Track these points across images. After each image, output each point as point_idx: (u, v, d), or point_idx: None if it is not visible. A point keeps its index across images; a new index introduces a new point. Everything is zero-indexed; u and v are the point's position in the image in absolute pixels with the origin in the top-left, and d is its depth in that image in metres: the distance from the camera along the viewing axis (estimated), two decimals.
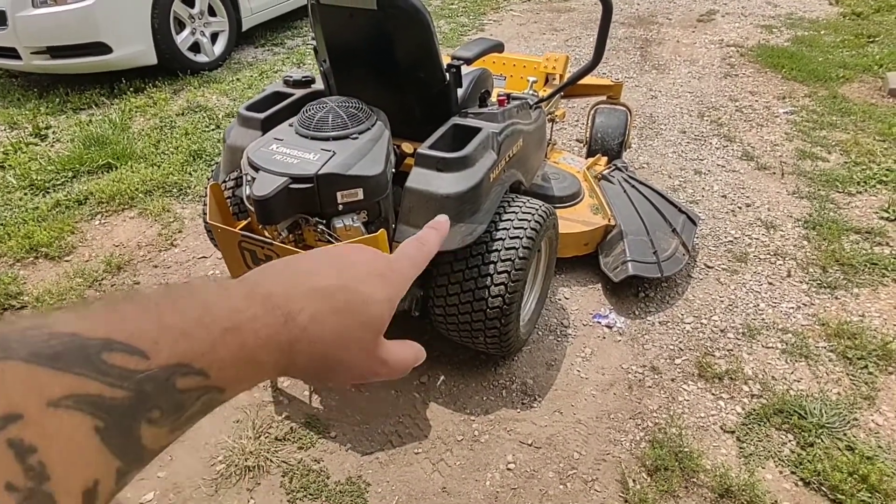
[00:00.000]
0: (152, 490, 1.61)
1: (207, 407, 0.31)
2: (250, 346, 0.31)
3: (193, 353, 0.28)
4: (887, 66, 4.11)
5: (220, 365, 0.30)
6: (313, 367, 0.36)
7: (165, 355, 0.27)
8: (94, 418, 0.24)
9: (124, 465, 0.25)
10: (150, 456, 0.28)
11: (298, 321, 0.34)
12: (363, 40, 1.65)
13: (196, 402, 0.29)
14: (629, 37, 5.10)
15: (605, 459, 1.67)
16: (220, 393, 0.31)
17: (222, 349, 0.30)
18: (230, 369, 0.30)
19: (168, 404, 0.27)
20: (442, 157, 1.54)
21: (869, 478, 1.54)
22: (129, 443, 0.26)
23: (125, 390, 0.25)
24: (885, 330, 2.05)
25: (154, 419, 0.27)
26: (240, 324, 0.31)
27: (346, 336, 0.36)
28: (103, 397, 0.24)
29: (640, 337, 2.07)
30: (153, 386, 0.26)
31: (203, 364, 0.29)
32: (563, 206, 2.34)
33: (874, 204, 2.74)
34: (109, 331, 0.26)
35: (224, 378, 0.30)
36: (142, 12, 3.91)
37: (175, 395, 0.27)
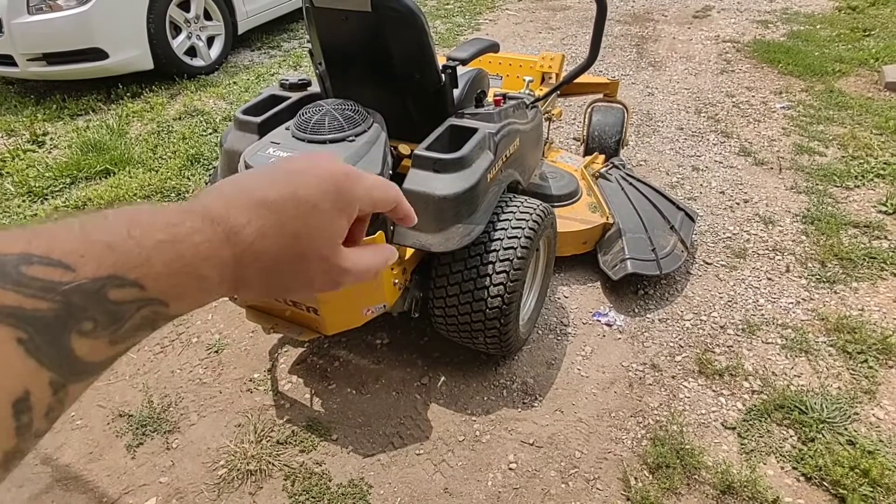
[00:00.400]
0: (154, 495, 1.61)
1: (152, 321, 0.30)
2: (189, 259, 0.30)
3: (125, 264, 0.28)
4: (883, 60, 4.12)
5: (155, 277, 0.29)
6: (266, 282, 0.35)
7: (93, 267, 0.26)
8: (14, 329, 0.23)
9: (58, 376, 0.25)
10: (91, 369, 0.27)
11: (243, 236, 0.33)
12: (358, 42, 1.65)
13: (136, 314, 0.28)
14: (625, 34, 5.10)
15: (606, 458, 1.67)
16: (162, 306, 0.30)
17: (157, 261, 0.29)
18: (168, 281, 0.29)
19: (102, 316, 0.27)
20: (439, 158, 1.54)
21: (870, 472, 1.54)
22: (60, 354, 0.25)
23: (49, 301, 0.25)
24: (885, 324, 2.05)
25: (86, 331, 0.26)
26: (176, 236, 0.30)
27: (296, 248, 0.35)
28: (23, 308, 0.24)
29: (639, 335, 2.07)
30: (82, 297, 0.26)
31: (136, 275, 0.28)
32: (562, 205, 2.34)
33: (872, 198, 2.74)
34: (28, 246, 0.25)
35: (162, 290, 0.29)
36: (137, 17, 3.91)
37: (108, 307, 0.27)
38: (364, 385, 1.91)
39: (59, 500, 1.60)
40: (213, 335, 2.13)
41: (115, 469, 1.68)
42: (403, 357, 2.00)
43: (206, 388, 1.92)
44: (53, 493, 1.62)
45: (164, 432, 1.78)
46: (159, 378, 1.97)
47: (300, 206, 0.35)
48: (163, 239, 0.30)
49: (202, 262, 0.31)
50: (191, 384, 1.94)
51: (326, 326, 1.58)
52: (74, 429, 1.80)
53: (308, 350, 2.04)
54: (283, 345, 2.07)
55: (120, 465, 1.69)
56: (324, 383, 1.92)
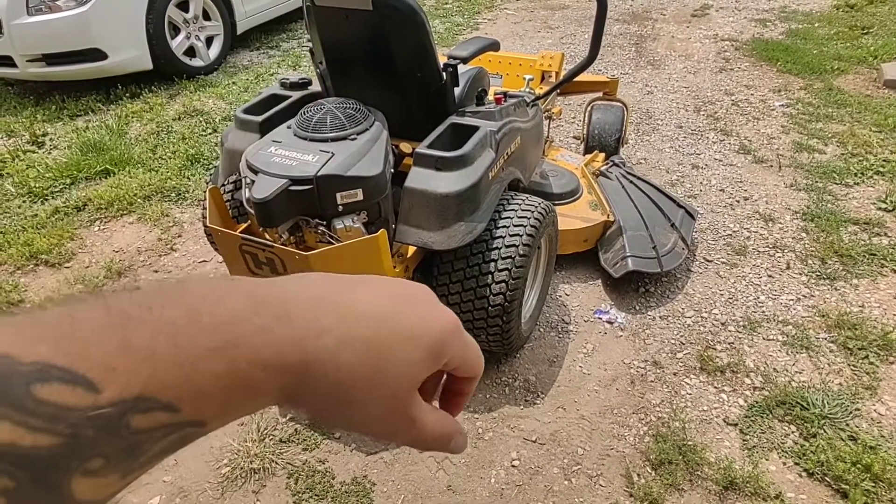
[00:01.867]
0: (158, 494, 1.61)
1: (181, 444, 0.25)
2: (244, 368, 0.25)
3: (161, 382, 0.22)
4: (882, 58, 4.13)
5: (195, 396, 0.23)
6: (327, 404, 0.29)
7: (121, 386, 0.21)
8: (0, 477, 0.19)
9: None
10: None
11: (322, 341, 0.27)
12: (359, 41, 1.65)
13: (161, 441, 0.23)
14: (624, 33, 5.10)
15: (609, 454, 1.67)
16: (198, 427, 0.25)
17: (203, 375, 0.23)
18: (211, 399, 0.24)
19: (116, 450, 0.21)
20: (440, 156, 1.54)
21: (872, 467, 1.54)
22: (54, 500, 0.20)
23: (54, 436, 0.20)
24: (885, 320, 2.06)
25: (94, 470, 0.21)
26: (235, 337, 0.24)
27: (373, 376, 0.29)
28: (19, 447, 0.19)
29: (641, 332, 2.07)
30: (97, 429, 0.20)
31: (172, 396, 0.22)
32: (562, 203, 2.34)
33: (872, 195, 2.74)
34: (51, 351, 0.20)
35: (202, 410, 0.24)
36: (136, 18, 3.91)
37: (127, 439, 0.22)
38: None
39: None
40: None
41: None
42: None
43: None
44: None
45: None
46: None
47: (396, 332, 0.29)
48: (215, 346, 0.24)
49: (260, 372, 0.25)
50: None
51: None
52: None
53: None
54: None
55: None
56: None
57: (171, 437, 0.24)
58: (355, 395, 0.29)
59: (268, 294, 0.27)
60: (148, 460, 0.24)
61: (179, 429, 0.24)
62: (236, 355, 0.24)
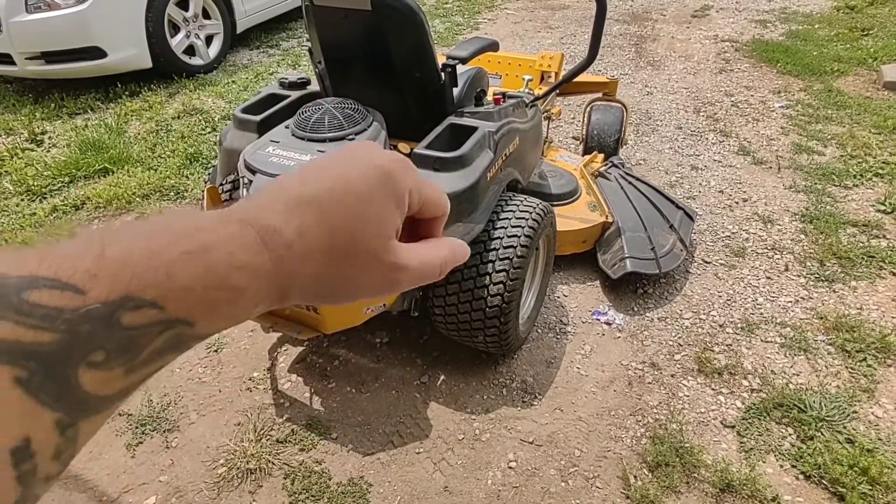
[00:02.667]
0: (154, 494, 1.61)
1: (176, 344, 0.27)
2: (220, 270, 0.27)
3: (141, 282, 0.24)
4: (881, 60, 4.12)
5: (178, 294, 0.25)
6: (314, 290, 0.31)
7: (105, 289, 0.24)
8: (11, 367, 0.21)
9: (65, 415, 0.23)
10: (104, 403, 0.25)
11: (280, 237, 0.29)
12: (358, 41, 1.65)
13: (156, 338, 0.25)
14: (624, 33, 5.10)
15: (606, 456, 1.67)
16: (187, 327, 0.27)
17: (181, 276, 0.26)
18: (194, 298, 0.26)
19: (115, 344, 0.24)
20: (439, 156, 1.54)
21: (869, 470, 1.54)
22: (66, 391, 0.23)
23: (53, 332, 0.22)
24: (884, 322, 2.06)
25: (97, 362, 0.23)
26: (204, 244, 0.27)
27: (343, 246, 0.31)
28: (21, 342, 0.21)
29: (639, 333, 2.07)
30: (91, 325, 0.23)
31: (154, 294, 0.25)
32: (561, 204, 2.34)
33: (871, 197, 2.74)
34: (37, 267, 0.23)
35: (187, 309, 0.26)
36: (136, 16, 3.91)
37: (122, 333, 0.24)
38: (364, 384, 1.91)
39: (59, 499, 1.60)
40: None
41: (115, 468, 1.68)
42: (403, 356, 2.00)
43: (206, 387, 1.92)
44: (53, 493, 1.61)
45: (163, 431, 1.78)
46: (158, 377, 1.95)
47: (343, 197, 0.31)
48: (189, 249, 0.26)
49: (235, 272, 0.27)
50: (190, 383, 1.94)
51: (326, 325, 1.58)
52: None
53: (307, 349, 2.04)
54: (282, 343, 2.07)
55: (119, 463, 1.69)
56: (323, 382, 1.92)
57: (164, 334, 0.26)
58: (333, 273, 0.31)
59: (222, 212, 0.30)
60: (149, 357, 0.26)
61: (170, 326, 0.26)
62: (210, 259, 0.27)
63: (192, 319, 0.27)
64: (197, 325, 0.27)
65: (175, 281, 0.25)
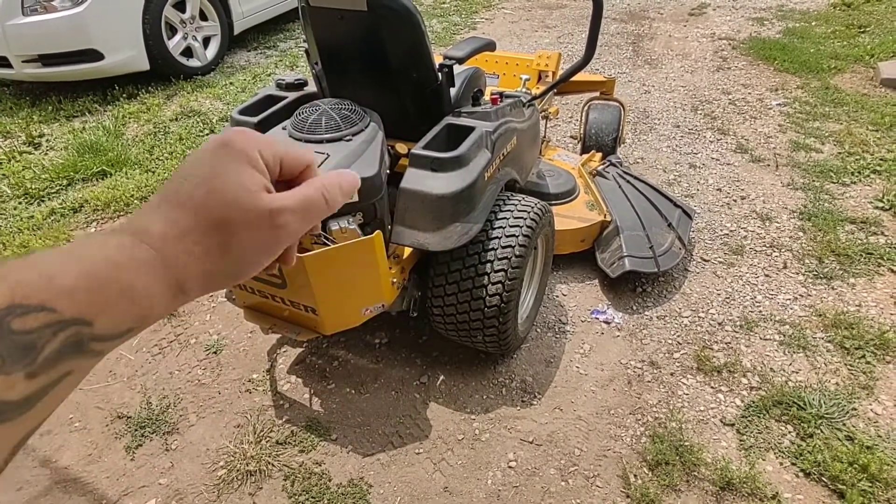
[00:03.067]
0: (154, 497, 1.61)
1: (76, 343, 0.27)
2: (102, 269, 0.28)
3: (24, 290, 0.26)
4: (878, 56, 4.13)
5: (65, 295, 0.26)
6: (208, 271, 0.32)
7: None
8: None
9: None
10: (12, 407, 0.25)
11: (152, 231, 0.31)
12: (354, 42, 1.64)
13: (52, 340, 0.26)
14: (621, 32, 5.10)
15: (606, 455, 1.67)
16: (84, 326, 0.27)
17: (64, 278, 0.27)
18: (83, 297, 0.27)
19: (9, 349, 0.25)
20: (436, 156, 1.54)
21: (869, 467, 1.54)
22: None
23: None
24: (882, 319, 2.06)
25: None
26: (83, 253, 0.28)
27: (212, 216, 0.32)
28: None
29: (638, 332, 2.07)
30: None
31: (41, 299, 0.26)
32: (559, 203, 2.34)
33: (868, 194, 2.75)
34: None
35: (80, 309, 0.27)
36: (133, 18, 3.90)
37: (14, 338, 0.25)
38: (363, 384, 1.91)
39: (58, 502, 1.60)
40: (212, 336, 2.12)
41: (115, 471, 1.68)
42: (402, 356, 2.00)
43: (205, 389, 1.92)
44: (52, 496, 1.61)
45: (162, 433, 1.78)
46: (158, 379, 1.96)
47: (191, 177, 0.33)
48: (67, 259, 0.28)
49: (117, 270, 0.29)
50: (189, 385, 1.94)
51: (325, 326, 1.58)
52: (73, 431, 1.80)
53: (307, 350, 2.04)
54: (281, 345, 2.07)
55: (119, 466, 1.69)
56: (323, 383, 1.92)
57: (60, 335, 0.26)
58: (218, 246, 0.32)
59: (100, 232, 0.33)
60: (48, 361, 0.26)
61: (65, 327, 0.26)
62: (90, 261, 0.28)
63: (89, 318, 0.27)
64: (96, 324, 0.28)
65: (59, 283, 0.27)
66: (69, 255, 0.28)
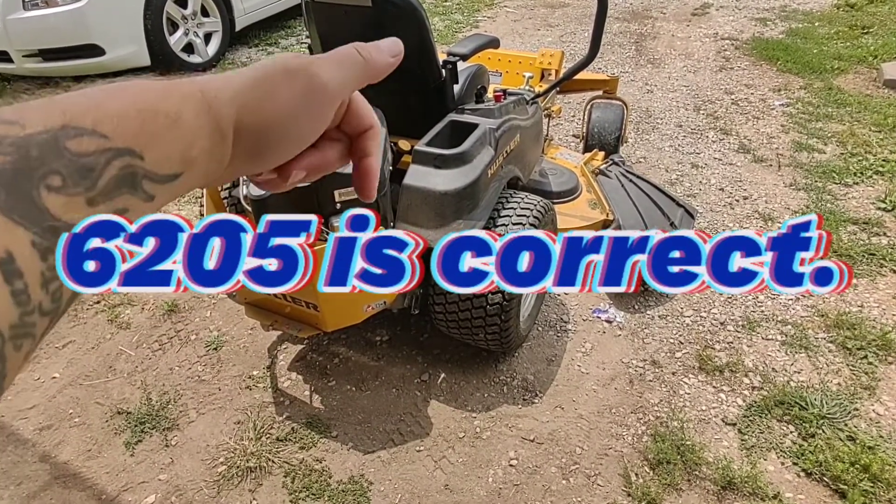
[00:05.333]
0: (154, 493, 1.60)
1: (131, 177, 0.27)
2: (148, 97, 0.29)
3: (74, 112, 0.26)
4: (882, 57, 4.12)
5: (113, 120, 0.27)
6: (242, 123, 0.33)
7: (41, 120, 0.25)
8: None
9: (40, 238, 0.24)
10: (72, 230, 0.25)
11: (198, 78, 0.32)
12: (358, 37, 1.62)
13: (107, 167, 0.26)
14: (624, 31, 5.09)
15: (607, 454, 1.67)
16: (136, 158, 0.27)
17: (111, 105, 0.27)
18: (131, 125, 0.27)
19: (68, 169, 0.25)
20: (439, 153, 1.53)
21: (871, 467, 1.54)
22: (33, 211, 0.23)
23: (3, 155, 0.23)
24: (884, 320, 2.05)
25: (56, 186, 0.24)
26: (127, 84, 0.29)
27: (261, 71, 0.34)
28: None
29: (640, 331, 2.07)
30: (39, 150, 0.24)
31: (91, 121, 0.26)
32: (561, 202, 2.33)
33: (871, 194, 2.74)
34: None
35: (130, 137, 0.27)
36: (134, 13, 3.89)
37: (72, 159, 0.25)
38: (364, 382, 1.90)
39: (58, 497, 1.59)
40: (212, 332, 2.12)
41: (114, 466, 1.67)
42: (403, 354, 1.99)
43: (205, 385, 1.92)
44: (52, 491, 1.61)
45: (162, 429, 1.77)
46: (158, 375, 1.96)
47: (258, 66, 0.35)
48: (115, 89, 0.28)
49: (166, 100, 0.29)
50: (190, 381, 1.93)
51: (326, 323, 1.58)
52: (73, 426, 1.79)
53: (307, 347, 2.04)
54: (282, 342, 2.06)
55: (119, 462, 1.69)
56: (323, 380, 1.92)
57: (115, 163, 0.26)
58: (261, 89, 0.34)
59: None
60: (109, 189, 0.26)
61: (120, 155, 0.27)
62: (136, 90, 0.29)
63: (139, 149, 0.27)
64: (146, 157, 0.28)
65: (106, 108, 0.27)
66: (117, 88, 0.29)
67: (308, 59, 0.36)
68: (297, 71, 0.35)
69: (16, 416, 1.82)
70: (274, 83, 0.34)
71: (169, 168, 0.29)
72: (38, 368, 1.99)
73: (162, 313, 2.20)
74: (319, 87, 0.36)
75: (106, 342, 2.10)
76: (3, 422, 1.81)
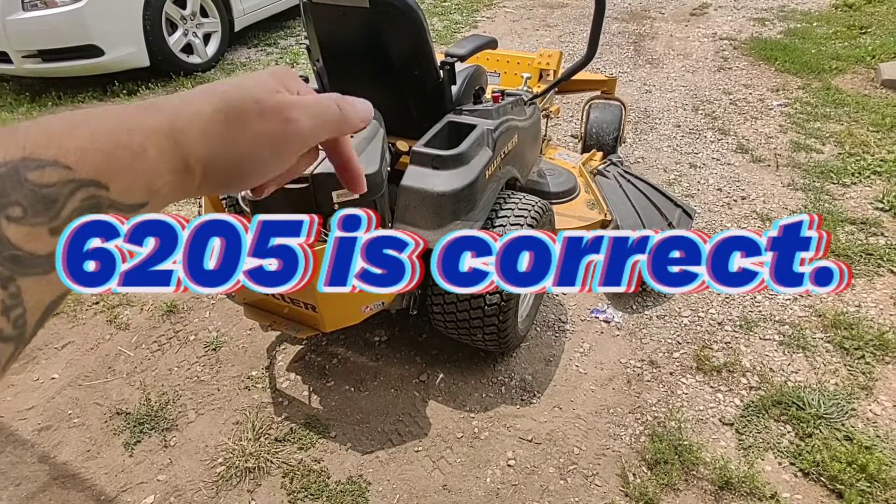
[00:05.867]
0: (152, 493, 1.60)
1: (95, 207, 0.28)
2: (113, 131, 0.28)
3: (36, 144, 0.26)
4: (879, 57, 4.13)
5: (78, 153, 0.27)
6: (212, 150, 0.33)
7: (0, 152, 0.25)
8: None
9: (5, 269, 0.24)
10: (38, 261, 0.26)
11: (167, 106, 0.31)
12: (356, 39, 1.64)
13: (70, 198, 0.26)
14: (622, 31, 5.10)
15: (605, 454, 1.67)
16: (100, 189, 0.28)
17: (76, 136, 0.27)
18: (96, 157, 0.27)
19: (29, 201, 0.25)
20: (437, 154, 1.54)
21: (867, 467, 1.54)
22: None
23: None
24: (882, 320, 2.06)
25: (16, 217, 0.25)
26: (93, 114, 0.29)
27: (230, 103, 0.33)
28: None
29: (637, 331, 2.07)
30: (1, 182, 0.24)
31: (54, 153, 0.26)
32: (560, 202, 2.34)
33: (869, 194, 2.75)
34: None
35: (94, 169, 0.27)
36: (133, 14, 3.89)
37: (33, 190, 0.25)
38: (362, 382, 1.91)
39: (57, 498, 1.60)
40: (211, 333, 2.12)
41: (113, 467, 1.68)
42: (402, 354, 2.00)
43: (204, 386, 1.92)
44: (51, 492, 1.61)
45: (161, 430, 1.77)
46: (157, 376, 1.96)
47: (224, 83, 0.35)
48: (79, 120, 0.28)
49: (130, 135, 0.29)
50: (188, 382, 1.94)
51: (325, 324, 1.58)
52: (72, 427, 1.80)
53: (306, 347, 2.04)
54: (280, 342, 2.07)
55: (117, 463, 1.69)
56: (322, 381, 1.92)
57: (79, 194, 0.27)
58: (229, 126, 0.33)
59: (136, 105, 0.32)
60: (73, 218, 0.27)
61: (82, 186, 0.27)
62: (102, 123, 0.28)
63: (103, 181, 0.28)
64: (111, 188, 0.28)
65: (72, 140, 0.27)
66: (83, 118, 0.28)
67: (286, 102, 0.35)
68: (273, 113, 0.35)
69: (15, 416, 1.83)
70: (246, 122, 0.34)
71: (133, 198, 0.30)
72: (37, 369, 2.00)
73: (161, 314, 2.21)
74: (292, 133, 0.36)
75: (105, 343, 2.10)
76: (2, 422, 1.81)
